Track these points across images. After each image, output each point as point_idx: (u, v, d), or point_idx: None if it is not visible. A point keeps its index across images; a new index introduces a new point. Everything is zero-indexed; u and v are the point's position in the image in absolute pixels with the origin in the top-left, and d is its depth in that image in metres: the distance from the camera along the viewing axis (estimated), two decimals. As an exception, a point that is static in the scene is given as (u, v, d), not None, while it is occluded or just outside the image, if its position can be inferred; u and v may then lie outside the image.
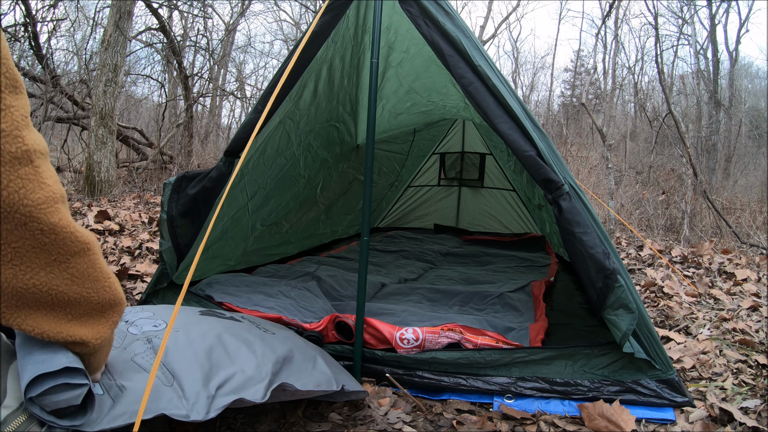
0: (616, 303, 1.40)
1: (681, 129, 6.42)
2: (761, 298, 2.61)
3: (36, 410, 0.77)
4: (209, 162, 8.12)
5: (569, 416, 1.37)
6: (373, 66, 1.55)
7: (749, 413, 1.37)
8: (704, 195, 5.93)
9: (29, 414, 0.77)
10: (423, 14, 1.55)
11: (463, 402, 1.46)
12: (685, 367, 1.71)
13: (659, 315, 2.34)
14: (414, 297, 2.30)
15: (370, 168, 1.55)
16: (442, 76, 2.64)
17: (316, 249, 3.42)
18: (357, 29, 2.26)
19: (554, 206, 1.48)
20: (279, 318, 1.71)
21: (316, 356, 1.33)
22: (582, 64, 18.80)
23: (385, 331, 1.55)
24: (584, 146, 10.35)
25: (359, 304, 1.54)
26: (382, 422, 1.34)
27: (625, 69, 14.03)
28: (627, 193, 7.37)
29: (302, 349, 1.34)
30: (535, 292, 2.37)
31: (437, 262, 3.32)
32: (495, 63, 1.62)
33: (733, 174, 10.20)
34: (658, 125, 8.99)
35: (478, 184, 4.70)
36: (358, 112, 3.00)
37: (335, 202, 3.47)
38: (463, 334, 1.57)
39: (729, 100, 11.34)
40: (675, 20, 12.29)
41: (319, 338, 1.62)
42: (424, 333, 1.53)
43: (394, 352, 1.54)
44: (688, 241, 5.22)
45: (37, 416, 0.77)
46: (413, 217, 4.92)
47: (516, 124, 1.50)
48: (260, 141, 2.17)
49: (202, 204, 1.87)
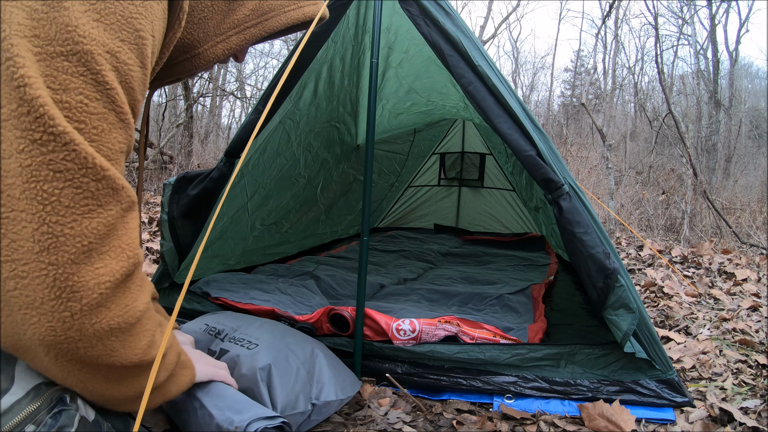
0: (617, 303, 1.40)
1: (681, 129, 6.42)
2: (761, 298, 2.61)
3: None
4: (209, 162, 8.12)
5: (569, 416, 1.37)
6: (373, 66, 1.55)
7: (749, 413, 1.37)
8: (704, 195, 5.93)
9: (40, 403, 0.76)
10: (423, 14, 1.55)
11: (463, 402, 1.46)
12: (685, 367, 1.71)
13: (659, 315, 2.34)
14: (413, 297, 2.30)
15: (370, 168, 1.55)
16: (442, 76, 2.65)
17: (316, 249, 3.42)
18: (357, 29, 2.26)
19: (554, 206, 1.48)
20: (272, 310, 1.71)
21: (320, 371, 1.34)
22: (582, 64, 18.83)
23: (381, 322, 1.54)
24: (584, 146, 10.35)
25: (359, 304, 1.54)
26: (382, 422, 1.34)
27: (625, 69, 14.05)
28: (627, 193, 7.38)
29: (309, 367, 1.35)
30: (534, 294, 2.37)
31: (437, 262, 3.33)
32: (495, 63, 1.62)
33: (733, 174, 10.20)
34: (658, 125, 9.00)
35: (478, 184, 4.70)
36: (358, 112, 3.00)
37: (335, 202, 3.47)
38: (461, 327, 1.57)
39: (729, 100, 11.34)
40: (675, 20, 12.31)
41: (312, 329, 1.62)
42: (420, 324, 1.53)
43: (391, 344, 1.54)
44: (688, 241, 5.22)
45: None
46: (413, 217, 4.92)
47: (516, 124, 1.50)
48: (260, 141, 2.17)
49: (202, 205, 1.87)
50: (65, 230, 0.66)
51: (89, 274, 0.68)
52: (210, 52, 0.96)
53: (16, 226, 0.65)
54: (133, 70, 0.71)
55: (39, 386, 0.78)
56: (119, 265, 0.72)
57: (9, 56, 0.62)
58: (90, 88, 0.66)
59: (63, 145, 0.64)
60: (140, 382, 0.81)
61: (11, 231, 0.65)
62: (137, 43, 0.71)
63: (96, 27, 0.67)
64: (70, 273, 0.67)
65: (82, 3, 0.66)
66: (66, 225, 0.66)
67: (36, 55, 0.63)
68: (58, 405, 0.78)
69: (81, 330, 0.69)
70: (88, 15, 0.67)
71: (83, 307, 0.68)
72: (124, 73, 0.70)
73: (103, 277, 0.70)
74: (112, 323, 0.72)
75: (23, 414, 0.74)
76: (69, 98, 0.65)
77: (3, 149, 0.63)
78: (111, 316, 0.72)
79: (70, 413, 0.79)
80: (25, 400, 0.75)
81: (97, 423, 0.84)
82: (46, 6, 0.64)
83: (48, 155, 0.64)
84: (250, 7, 0.98)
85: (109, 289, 0.71)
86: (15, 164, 0.63)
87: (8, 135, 0.63)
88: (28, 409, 0.75)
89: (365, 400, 1.43)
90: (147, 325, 0.80)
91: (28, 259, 0.65)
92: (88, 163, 0.66)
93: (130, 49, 0.71)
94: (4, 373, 0.75)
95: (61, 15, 0.65)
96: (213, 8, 0.93)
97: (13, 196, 0.64)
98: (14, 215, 0.65)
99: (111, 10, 0.68)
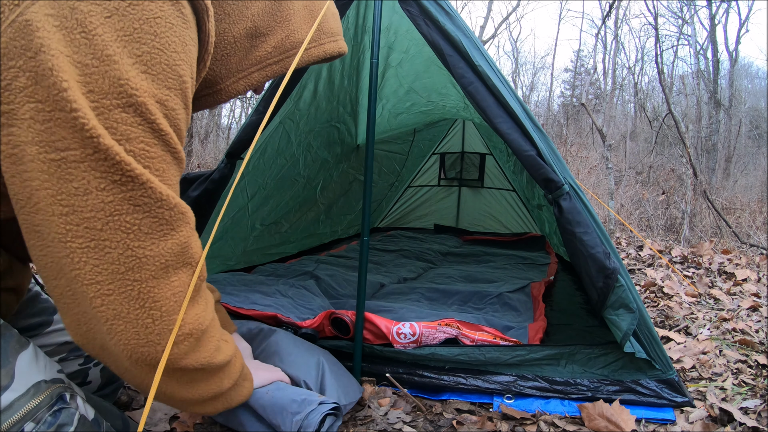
0: (617, 303, 1.40)
1: (681, 129, 6.42)
2: (761, 298, 2.61)
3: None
4: (209, 162, 8.12)
5: (569, 416, 1.37)
6: (373, 66, 1.55)
7: (749, 413, 1.37)
8: (704, 195, 5.93)
9: (40, 401, 0.77)
10: (423, 14, 1.54)
11: (463, 402, 1.46)
12: (685, 367, 1.71)
13: (659, 315, 2.34)
14: (413, 296, 2.30)
15: (370, 168, 1.55)
16: (441, 76, 2.65)
17: (316, 249, 3.42)
18: (357, 29, 2.26)
19: (554, 206, 1.48)
20: (275, 316, 1.71)
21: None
22: (582, 64, 18.83)
23: (381, 326, 1.55)
24: (584, 146, 10.36)
25: (359, 304, 1.54)
26: (382, 422, 1.34)
27: (625, 69, 14.05)
28: (627, 193, 7.38)
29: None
30: (534, 293, 2.37)
31: (437, 262, 3.33)
32: (495, 63, 1.62)
33: (733, 174, 10.21)
34: (658, 125, 9.00)
35: (478, 184, 4.70)
36: (358, 112, 3.00)
37: (335, 202, 3.48)
38: (461, 330, 1.57)
39: (729, 100, 11.35)
40: (675, 20, 12.31)
41: (314, 336, 1.62)
42: (421, 328, 1.53)
43: (391, 347, 1.54)
44: (688, 241, 5.22)
45: None
46: (413, 217, 4.92)
47: (516, 124, 1.50)
48: (260, 141, 2.17)
49: (205, 206, 1.87)
50: (146, 252, 0.76)
51: (167, 286, 0.79)
52: (231, 87, 0.98)
53: (98, 252, 0.73)
54: (179, 114, 0.78)
55: (39, 384, 0.78)
56: (189, 279, 0.83)
57: (75, 107, 0.68)
58: (149, 136, 0.74)
59: (140, 184, 0.73)
60: (209, 385, 0.93)
61: (93, 258, 0.73)
62: (181, 88, 0.78)
63: (145, 79, 0.73)
64: (151, 287, 0.77)
65: (129, 56, 0.71)
66: (146, 248, 0.76)
67: (94, 109, 0.70)
68: (58, 403, 0.79)
69: (160, 334, 0.79)
70: (137, 67, 0.72)
71: (163, 314, 0.79)
72: (173, 118, 0.77)
73: (177, 288, 0.81)
74: (185, 330, 0.81)
75: (23, 411, 0.74)
76: (133, 147, 0.73)
77: (76, 187, 0.70)
78: (186, 322, 0.82)
79: (69, 411, 0.79)
80: (26, 397, 0.76)
81: (96, 422, 0.84)
82: (96, 60, 0.69)
83: (128, 193, 0.73)
84: (272, 44, 1.01)
85: (183, 299, 0.82)
86: (96, 200, 0.71)
87: (85, 175, 0.70)
88: (28, 406, 0.75)
89: (365, 400, 1.44)
90: (213, 332, 0.90)
91: (113, 279, 0.75)
92: (162, 197, 0.76)
93: (176, 95, 0.77)
94: (5, 369, 0.76)
95: (111, 69, 0.70)
96: (235, 46, 0.95)
97: (94, 228, 0.72)
98: (95, 244, 0.73)
99: (157, 60, 0.74)
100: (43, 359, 0.84)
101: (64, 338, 1.14)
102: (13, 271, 0.89)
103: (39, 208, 0.70)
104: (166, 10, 0.74)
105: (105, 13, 0.69)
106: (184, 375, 0.87)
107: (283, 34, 1.02)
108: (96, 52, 0.69)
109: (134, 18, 0.71)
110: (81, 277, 0.73)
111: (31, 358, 0.81)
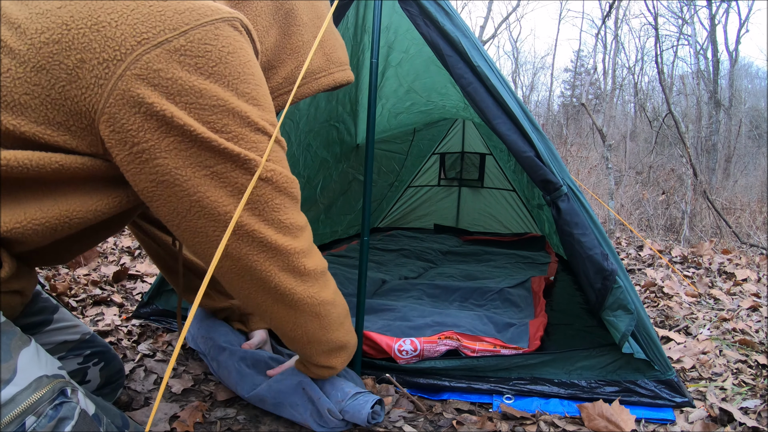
0: (615, 304, 1.40)
1: (681, 129, 6.42)
2: (761, 298, 2.61)
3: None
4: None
5: (569, 416, 1.37)
6: (373, 66, 1.55)
7: (749, 413, 1.37)
8: (704, 195, 5.93)
9: (41, 395, 0.77)
10: (422, 14, 1.54)
11: (463, 402, 1.46)
12: (685, 367, 1.71)
13: (659, 315, 2.34)
14: (414, 293, 2.30)
15: (370, 168, 1.55)
16: (441, 76, 2.65)
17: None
18: (356, 29, 2.26)
19: (552, 207, 1.48)
20: None
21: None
22: (582, 64, 18.83)
23: (383, 344, 1.54)
24: (584, 146, 10.36)
25: (359, 304, 1.54)
26: (384, 420, 1.34)
27: (625, 69, 14.05)
28: (627, 194, 7.38)
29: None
30: (534, 288, 2.37)
31: (437, 261, 3.33)
32: (495, 63, 1.62)
33: (733, 174, 10.20)
34: (658, 125, 9.00)
35: (478, 184, 4.70)
36: (357, 111, 3.00)
37: (335, 202, 3.48)
38: (461, 341, 1.57)
39: (729, 100, 11.35)
40: (675, 20, 12.31)
41: None
42: (422, 343, 1.54)
43: (393, 362, 1.55)
44: (688, 241, 5.22)
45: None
46: (413, 217, 4.92)
47: (515, 124, 1.50)
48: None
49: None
50: (292, 221, 1.00)
51: (311, 261, 1.05)
52: None
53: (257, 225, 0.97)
54: (273, 116, 1.00)
55: (41, 378, 0.78)
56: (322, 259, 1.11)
57: (208, 137, 0.87)
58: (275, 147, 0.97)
59: (273, 182, 0.96)
60: (340, 334, 1.18)
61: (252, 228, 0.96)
62: (272, 108, 1.00)
63: (254, 107, 0.94)
64: (303, 259, 1.03)
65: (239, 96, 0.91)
66: (292, 218, 1.00)
67: (232, 139, 0.90)
68: (59, 397, 0.79)
69: (305, 281, 1.04)
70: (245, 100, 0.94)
71: (308, 278, 1.05)
72: (274, 124, 0.99)
73: (319, 263, 1.09)
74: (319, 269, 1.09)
75: (25, 405, 0.75)
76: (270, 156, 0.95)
77: (230, 190, 0.91)
78: (321, 284, 1.09)
79: (70, 405, 0.79)
80: (27, 391, 0.76)
81: (96, 417, 0.84)
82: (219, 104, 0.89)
83: (266, 188, 0.95)
84: (284, 75, 1.10)
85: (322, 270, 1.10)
86: (252, 195, 0.92)
87: (237, 179, 0.91)
88: (29, 399, 0.75)
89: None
90: (330, 277, 1.17)
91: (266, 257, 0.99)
92: (290, 178, 0.99)
93: (270, 111, 0.99)
94: (7, 364, 0.76)
95: (232, 106, 0.91)
96: None
97: (256, 209, 0.95)
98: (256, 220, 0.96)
99: (259, 93, 0.95)
100: (45, 356, 0.84)
101: (63, 337, 1.14)
102: (19, 274, 0.90)
103: (203, 213, 0.90)
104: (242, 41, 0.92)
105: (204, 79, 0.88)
106: (323, 320, 1.10)
107: (293, 65, 1.11)
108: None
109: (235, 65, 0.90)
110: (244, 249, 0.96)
111: (33, 354, 0.81)
